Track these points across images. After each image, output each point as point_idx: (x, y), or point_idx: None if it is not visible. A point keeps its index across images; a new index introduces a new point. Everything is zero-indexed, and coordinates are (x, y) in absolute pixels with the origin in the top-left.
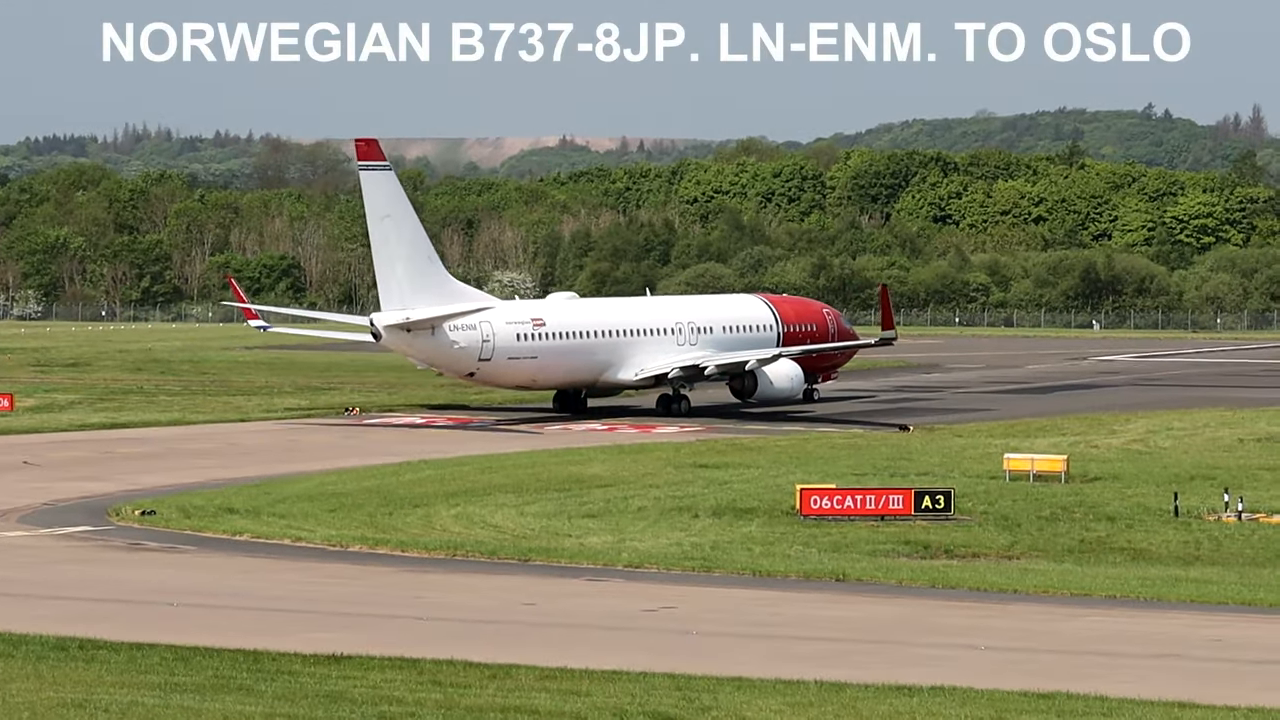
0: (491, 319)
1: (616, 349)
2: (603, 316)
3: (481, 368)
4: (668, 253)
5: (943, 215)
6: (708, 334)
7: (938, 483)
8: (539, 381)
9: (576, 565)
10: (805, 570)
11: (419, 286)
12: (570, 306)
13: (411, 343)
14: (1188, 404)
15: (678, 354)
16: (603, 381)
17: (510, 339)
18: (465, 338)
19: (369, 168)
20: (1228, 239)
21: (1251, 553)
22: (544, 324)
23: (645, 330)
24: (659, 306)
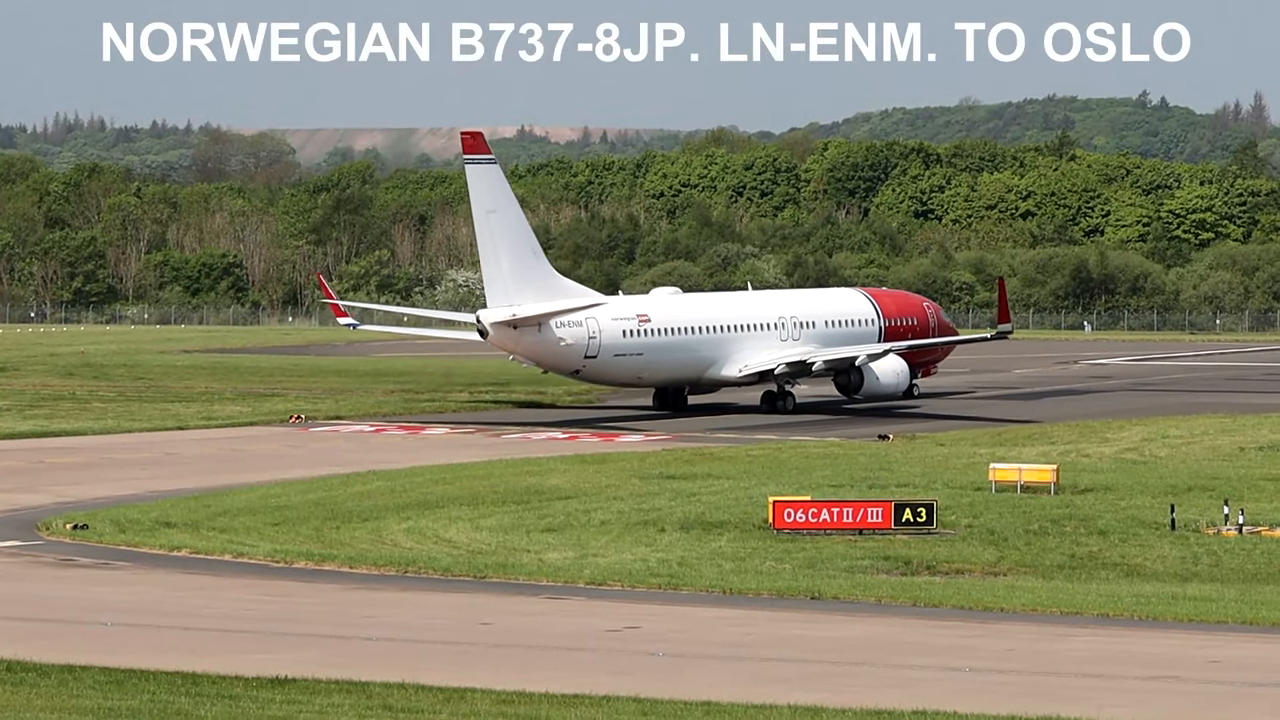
0: (598, 315)
1: (721, 345)
2: (707, 312)
3: (587, 365)
4: (632, 250)
5: (925, 210)
6: (810, 329)
7: (919, 495)
8: (644, 379)
9: (535, 582)
10: (778, 588)
11: (524, 282)
12: (675, 302)
13: (518, 340)
14: (1185, 410)
15: (782, 349)
16: (706, 378)
17: (616, 336)
18: (572, 334)
19: (474, 161)
20: (1228, 235)
21: (1253, 568)
22: (649, 320)
23: (749, 326)
24: (762, 301)
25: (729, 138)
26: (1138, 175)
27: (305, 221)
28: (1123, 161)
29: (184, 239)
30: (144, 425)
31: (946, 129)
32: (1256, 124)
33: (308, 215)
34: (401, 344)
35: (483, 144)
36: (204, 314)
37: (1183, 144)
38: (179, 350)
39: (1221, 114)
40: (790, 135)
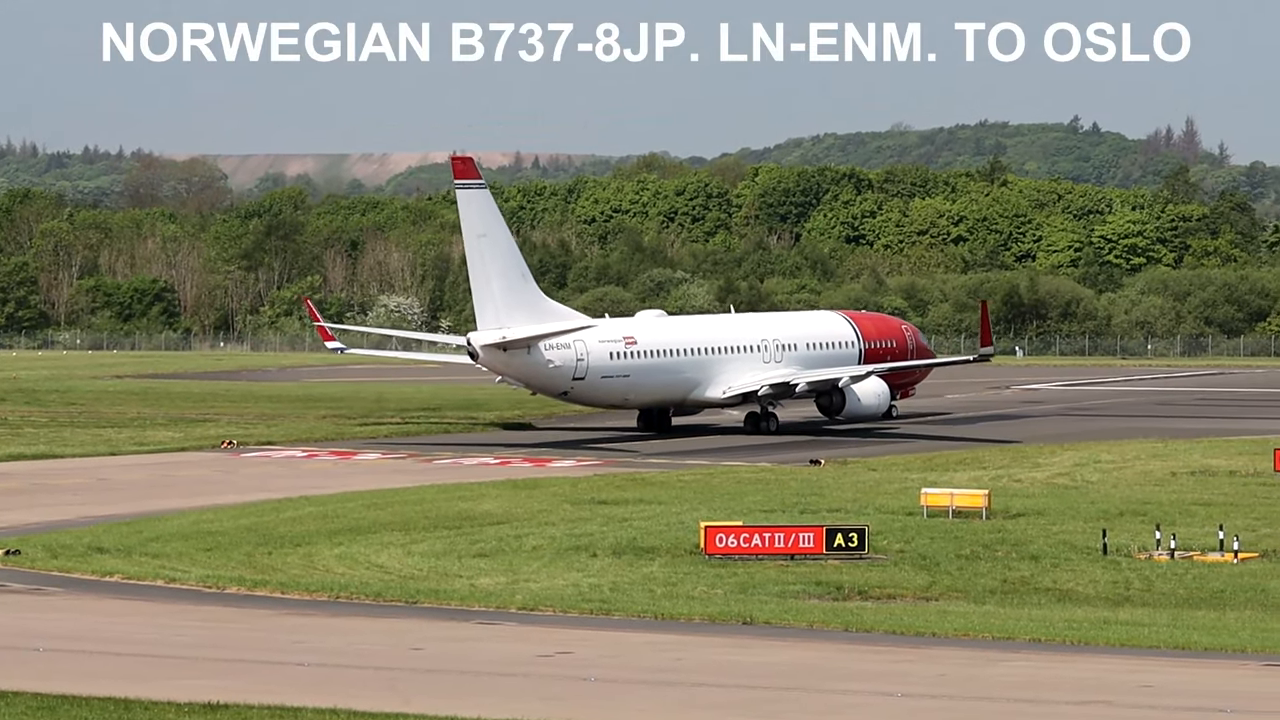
0: (585, 338)
1: (705, 367)
2: (692, 334)
3: (575, 387)
4: (564, 275)
5: (856, 235)
6: (792, 351)
7: (851, 520)
8: (631, 400)
9: (467, 608)
10: (710, 613)
11: (514, 305)
12: (660, 325)
13: (508, 362)
14: (1117, 435)
15: (765, 371)
16: (691, 399)
17: (604, 358)
18: (560, 357)
19: (465, 186)
20: (1159, 260)
21: (1184, 593)
22: (636, 342)
23: (733, 348)
24: (745, 324)
25: (660, 163)
26: (1069, 201)
27: (237, 247)
28: (1054, 187)
29: (116, 265)
30: (76, 451)
31: (878, 154)
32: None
33: (239, 241)
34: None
35: (473, 169)
36: (136, 339)
37: (1114, 169)
38: (111, 376)
39: (1153, 139)
40: (722, 161)
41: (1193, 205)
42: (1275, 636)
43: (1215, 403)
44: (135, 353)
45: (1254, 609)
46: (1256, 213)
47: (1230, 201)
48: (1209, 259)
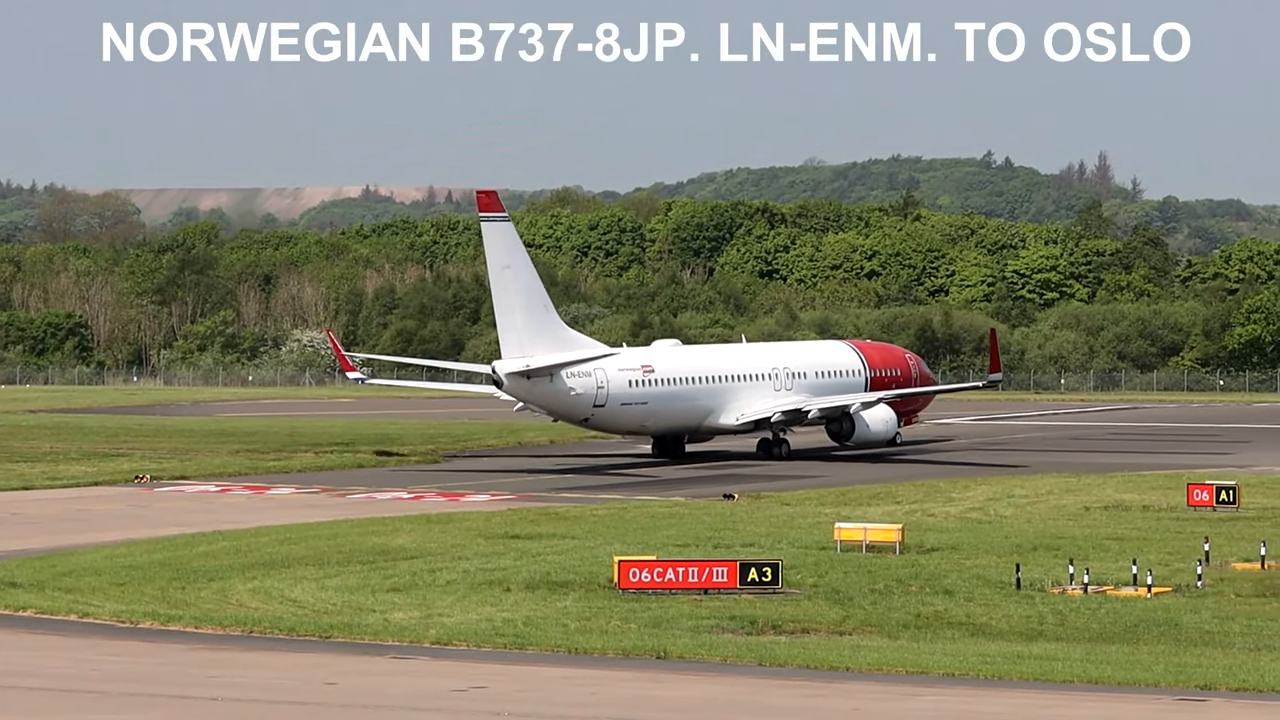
0: (605, 366)
1: (719, 394)
2: (707, 363)
3: (595, 414)
4: (478, 310)
5: (769, 270)
6: (802, 379)
7: (765, 554)
8: (648, 427)
9: (381, 642)
10: (624, 647)
11: (537, 334)
12: (676, 354)
13: (531, 390)
14: (1030, 470)
15: (776, 399)
16: (705, 426)
17: (623, 386)
18: (582, 384)
19: (490, 219)
20: (1072, 294)
21: (1098, 627)
22: (653, 370)
23: (745, 376)
24: (756, 353)
25: (574, 197)
26: (982, 235)
27: (150, 281)
28: (967, 221)
29: (29, 299)
30: None
31: (791, 189)
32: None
33: (153, 275)
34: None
35: (497, 202)
36: (49, 374)
37: (1027, 204)
38: (24, 410)
39: (1066, 174)
40: (635, 195)
41: (1106, 240)
42: (1189, 671)
43: (1128, 437)
44: (48, 387)
45: (1167, 643)
46: (1169, 247)
47: (1143, 236)
48: (1122, 294)
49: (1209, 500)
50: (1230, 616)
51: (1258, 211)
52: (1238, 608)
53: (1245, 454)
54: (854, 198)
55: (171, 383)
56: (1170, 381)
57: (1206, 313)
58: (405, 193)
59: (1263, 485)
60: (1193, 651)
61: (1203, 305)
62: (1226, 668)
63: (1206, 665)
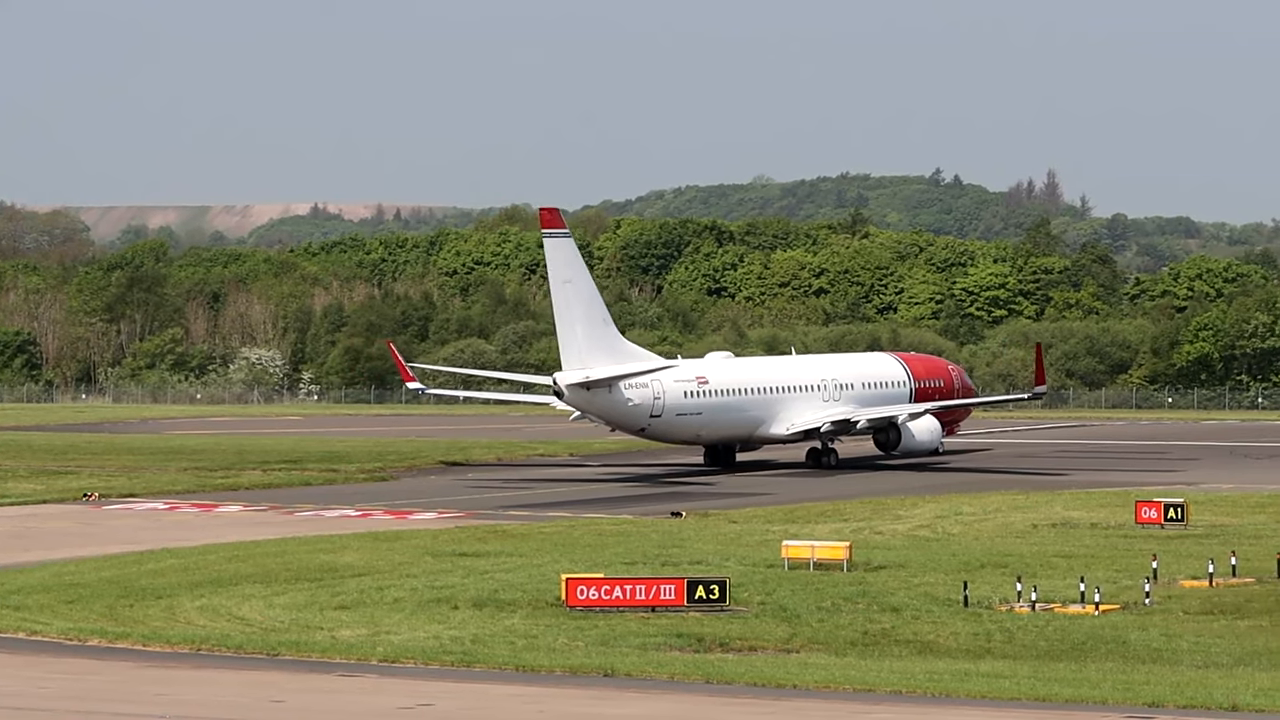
0: (662, 378)
1: (770, 405)
2: (758, 374)
3: (652, 424)
4: (426, 327)
5: (718, 287)
6: (849, 390)
7: (712, 571)
8: (703, 436)
9: (328, 660)
10: (571, 665)
11: (596, 346)
12: (729, 365)
13: (590, 400)
14: (977, 487)
15: (824, 409)
16: (757, 436)
17: (679, 396)
18: (639, 395)
19: (552, 235)
20: (1021, 312)
21: (1046, 645)
22: (708, 382)
23: (796, 387)
24: (805, 364)
25: (522, 215)
26: (931, 253)
27: (99, 299)
28: (916, 239)
29: None
30: None
31: (740, 206)
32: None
33: (102, 293)
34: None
35: (559, 219)
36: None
37: (976, 221)
38: None
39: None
40: (584, 212)
41: (1054, 258)
42: (1137, 688)
43: (1076, 455)
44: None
45: (1115, 661)
46: (1118, 265)
47: (1092, 254)
48: (1070, 311)
49: (1157, 518)
50: (1178, 634)
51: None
52: (1186, 625)
53: (1193, 471)
54: (802, 215)
55: (120, 400)
56: (1118, 399)
57: (1155, 330)
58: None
59: (1211, 503)
60: (1141, 669)
61: (1151, 323)
62: (1174, 685)
63: (1154, 683)
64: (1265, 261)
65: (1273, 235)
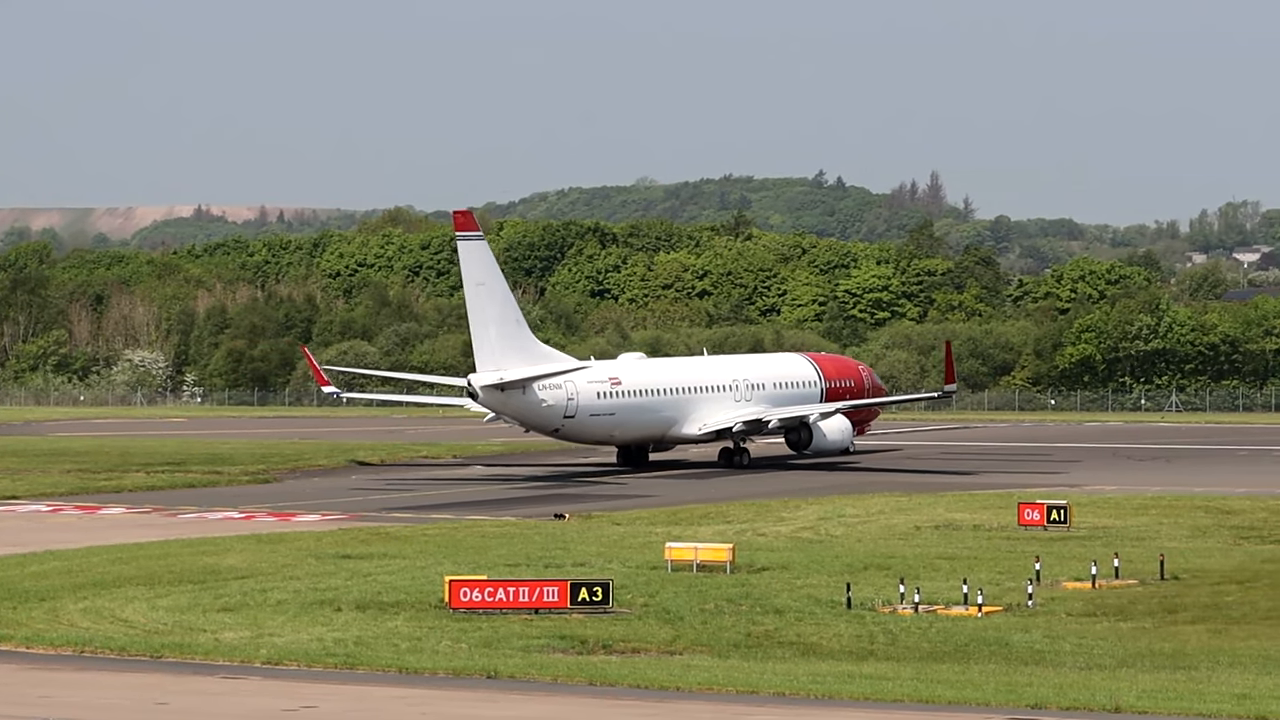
0: (575, 379)
1: (683, 406)
2: (671, 375)
3: (566, 424)
4: (309, 330)
5: (601, 289)
6: (761, 390)
7: (595, 574)
8: (616, 437)
9: (212, 662)
10: (454, 667)
11: (510, 348)
12: (642, 366)
13: (505, 401)
14: (860, 489)
15: (737, 409)
16: (669, 436)
17: (592, 397)
18: (553, 396)
19: (465, 238)
20: (904, 314)
21: (929, 646)
22: (621, 383)
23: (708, 388)
24: (718, 365)
25: (405, 217)
26: (814, 254)
27: None
28: (799, 241)
29: None
30: None
31: (623, 208)
32: (932, 203)
33: None
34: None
35: (473, 222)
36: None
37: (859, 223)
38: None
39: (897, 193)
40: None
41: (937, 259)
42: (1019, 690)
43: (959, 456)
44: None
45: (998, 662)
46: (1001, 267)
47: (975, 256)
48: (954, 313)
49: (1040, 519)
50: (1061, 635)
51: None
52: (1068, 627)
53: (1076, 473)
54: (685, 217)
55: (3, 402)
56: (1002, 401)
57: (1038, 332)
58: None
59: (1094, 504)
60: (1023, 670)
61: (1034, 325)
62: (1057, 686)
63: (1037, 684)
64: (1148, 263)
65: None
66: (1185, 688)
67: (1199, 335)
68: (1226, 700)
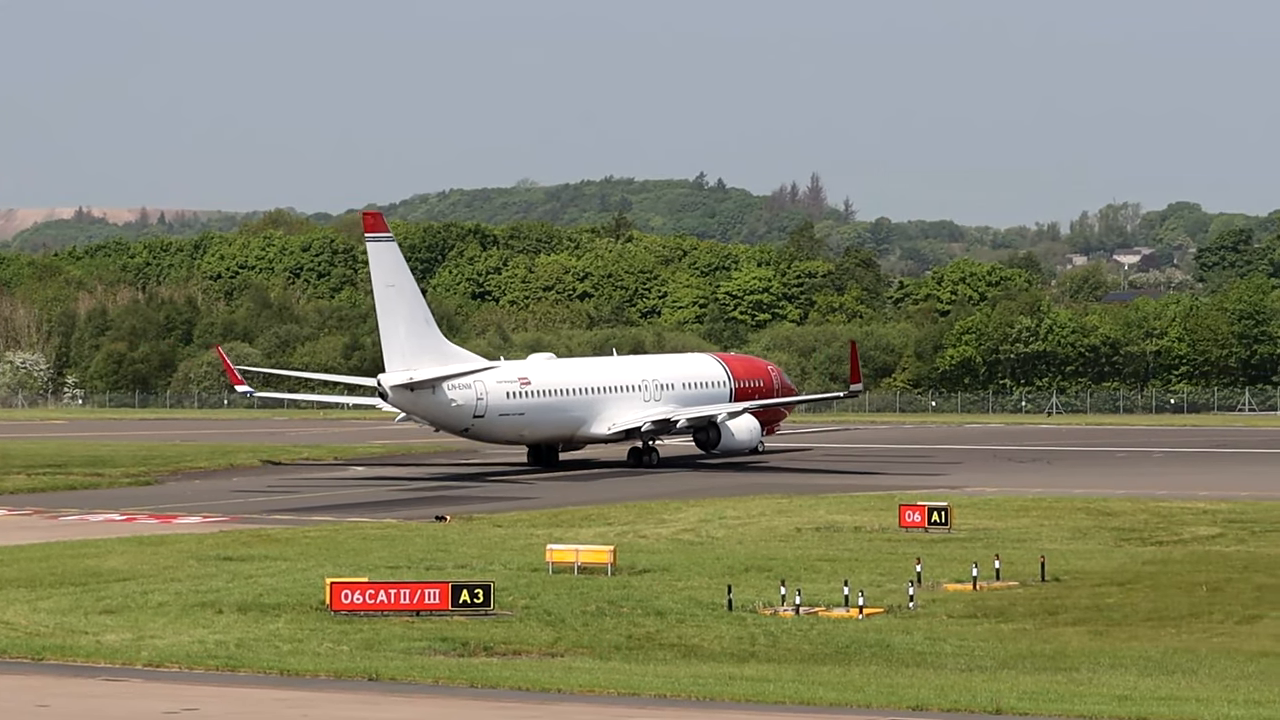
0: (485, 379)
1: (592, 405)
2: (580, 375)
3: (475, 424)
4: (190, 332)
5: (482, 291)
6: (670, 390)
7: (476, 576)
8: (525, 436)
9: (93, 664)
10: (336, 669)
11: (420, 348)
12: (551, 366)
13: (414, 401)
14: (741, 491)
15: (645, 409)
16: (579, 436)
17: (501, 397)
18: (462, 396)
19: (375, 239)
20: (785, 316)
21: (810, 648)
22: (530, 383)
23: (617, 388)
24: (627, 365)
25: (286, 219)
26: (695, 256)
27: None
28: (680, 243)
29: None
30: None
31: (504, 210)
32: (813, 205)
33: None
34: None
35: (382, 224)
36: None
37: (740, 225)
38: None
39: (778, 195)
40: (348, 217)
41: (818, 261)
42: (901, 691)
43: (840, 458)
44: None
45: (879, 664)
46: (881, 269)
47: (855, 258)
48: (834, 315)
49: (921, 521)
50: (942, 637)
51: (969, 232)
52: (949, 628)
53: (957, 475)
54: (566, 219)
55: None
56: (882, 403)
57: (918, 334)
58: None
59: (974, 506)
60: (905, 672)
61: (915, 326)
62: (938, 688)
63: (918, 686)
64: (1028, 265)
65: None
66: (1066, 689)
67: (1079, 337)
68: (1107, 702)
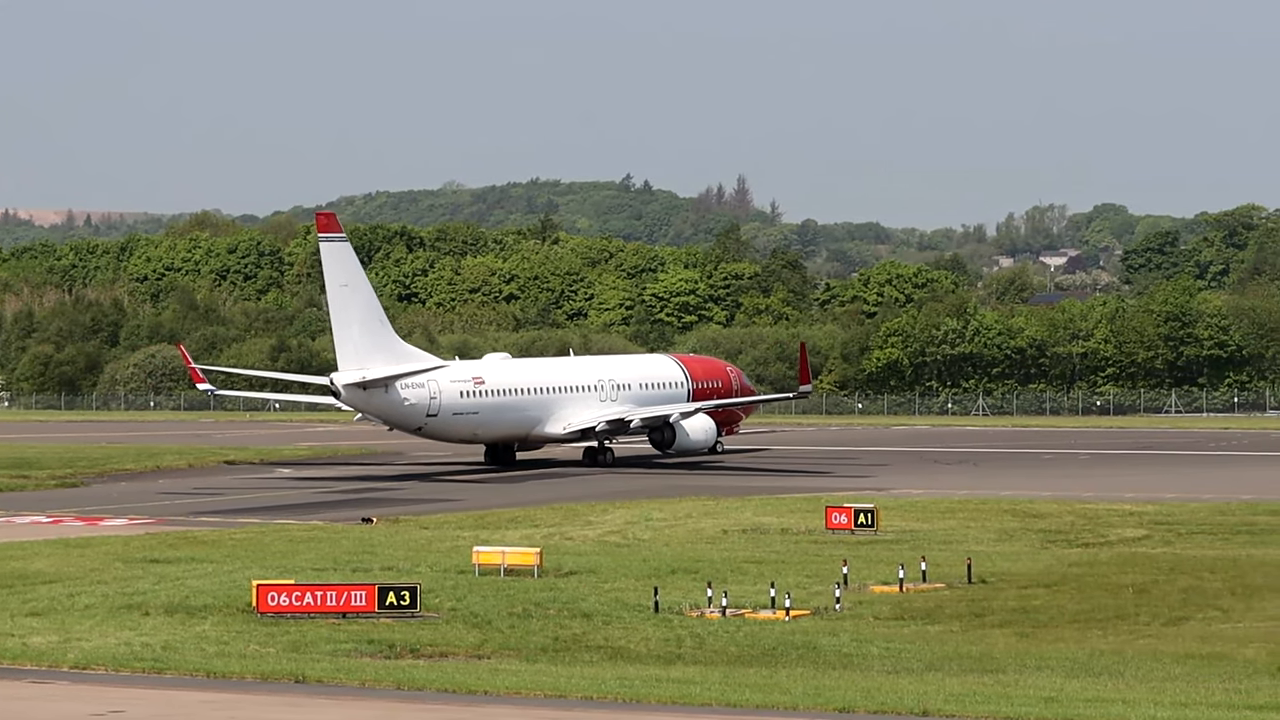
0: (438, 378)
1: (547, 405)
2: (535, 375)
3: (429, 423)
4: (116, 334)
5: (409, 293)
6: (627, 390)
7: (403, 578)
8: (480, 436)
9: (19, 667)
10: (262, 671)
11: (373, 347)
12: (506, 366)
13: (368, 400)
14: (668, 493)
15: (601, 409)
16: (534, 435)
17: (455, 396)
18: (415, 395)
19: (328, 239)
20: (711, 318)
21: (736, 650)
22: (484, 382)
23: (573, 388)
24: (583, 365)
25: (213, 221)
26: (621, 258)
27: None
28: (606, 245)
29: None
30: None
31: (430, 212)
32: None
33: None
34: None
35: (336, 224)
36: None
37: (666, 227)
38: None
39: (704, 197)
40: (274, 218)
41: (744, 263)
42: (827, 693)
43: (768, 459)
44: None
45: (806, 666)
46: (808, 271)
47: (782, 260)
48: (761, 317)
49: (847, 523)
50: (869, 639)
51: (896, 234)
52: (876, 630)
53: (883, 477)
54: (493, 221)
55: None
56: (808, 404)
57: (845, 336)
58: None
59: (900, 508)
60: (831, 674)
61: (841, 328)
62: (865, 690)
63: (845, 687)
64: (955, 267)
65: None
66: (993, 691)
67: (1006, 339)
68: (1034, 703)
